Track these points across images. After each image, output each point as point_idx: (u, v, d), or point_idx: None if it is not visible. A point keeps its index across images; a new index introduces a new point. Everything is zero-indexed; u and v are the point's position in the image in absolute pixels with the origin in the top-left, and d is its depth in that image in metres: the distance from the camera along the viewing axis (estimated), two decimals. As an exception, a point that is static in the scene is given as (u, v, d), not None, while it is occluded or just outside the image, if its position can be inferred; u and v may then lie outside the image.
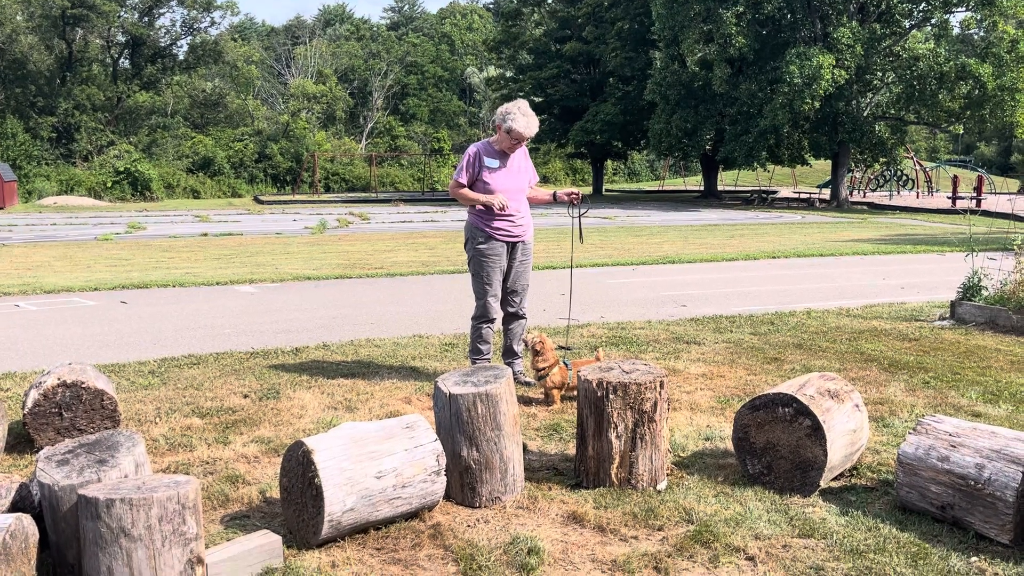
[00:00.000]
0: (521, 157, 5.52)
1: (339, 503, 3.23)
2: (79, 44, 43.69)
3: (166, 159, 40.73)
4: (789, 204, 32.76)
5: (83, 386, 4.31)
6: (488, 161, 5.39)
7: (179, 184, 38.40)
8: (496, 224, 5.40)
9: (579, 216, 5.93)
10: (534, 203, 5.69)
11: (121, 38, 45.44)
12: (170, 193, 37.44)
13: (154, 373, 6.03)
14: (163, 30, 46.94)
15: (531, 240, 5.61)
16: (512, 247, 5.51)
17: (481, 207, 5.42)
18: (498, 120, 5.32)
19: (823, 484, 3.82)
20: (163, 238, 17.78)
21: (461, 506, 3.70)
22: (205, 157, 41.07)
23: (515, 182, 5.47)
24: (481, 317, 5.54)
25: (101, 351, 6.87)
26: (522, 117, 5.26)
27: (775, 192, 38.81)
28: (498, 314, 5.58)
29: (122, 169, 36.10)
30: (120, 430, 3.43)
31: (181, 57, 48.26)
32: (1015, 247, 7.86)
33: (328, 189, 41.72)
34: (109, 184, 35.56)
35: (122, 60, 46.57)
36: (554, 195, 5.75)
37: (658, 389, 3.85)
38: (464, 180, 5.41)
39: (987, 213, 21.61)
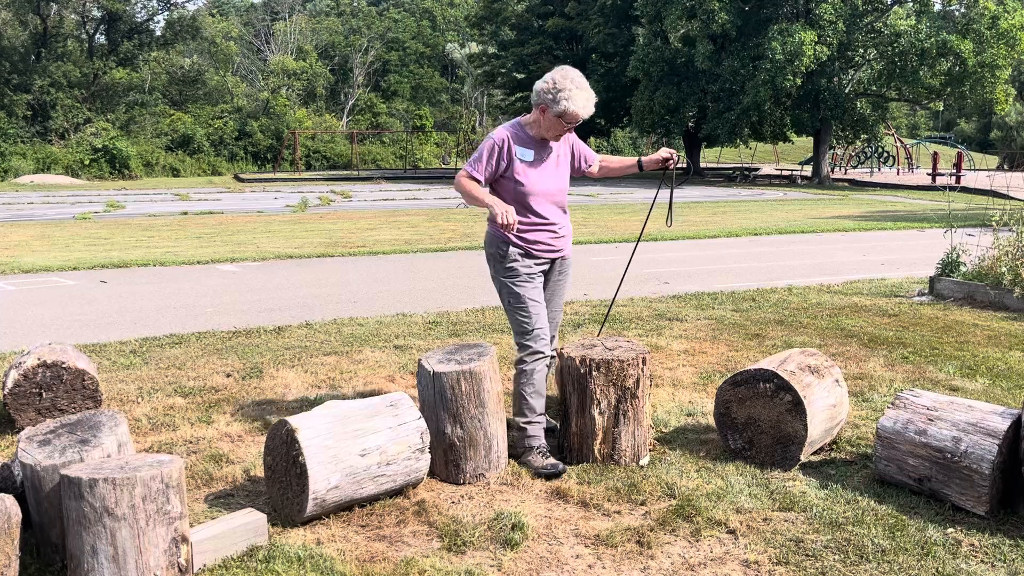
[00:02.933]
0: (563, 145, 4.13)
1: (323, 481, 3.24)
2: (54, 20, 42.91)
3: (144, 137, 40.20)
4: (771, 181, 32.86)
5: (64, 366, 4.28)
6: (521, 152, 3.96)
7: (158, 162, 37.93)
8: (532, 236, 3.98)
9: (672, 189, 4.45)
10: (613, 175, 4.34)
11: (97, 13, 44.66)
12: (149, 171, 37.00)
13: (135, 353, 6.00)
14: (139, 5, 46.16)
15: (571, 254, 4.25)
16: (549, 264, 4.11)
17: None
18: (543, 99, 3.90)
19: (803, 458, 3.87)
20: (142, 217, 17.60)
21: (445, 483, 3.72)
22: (184, 135, 40.57)
23: (557, 181, 4.07)
24: (533, 355, 3.95)
25: (81, 331, 6.81)
26: (580, 93, 3.85)
27: (757, 169, 38.91)
28: (550, 348, 4.06)
29: (99, 147, 35.61)
30: (102, 410, 3.42)
31: (158, 33, 47.51)
32: (993, 223, 7.94)
33: (309, 167, 41.38)
34: (86, 162, 35.09)
35: (98, 36, 45.78)
36: (639, 163, 4.26)
37: (640, 366, 3.87)
38: (481, 175, 3.92)
39: (966, 190, 21.79)
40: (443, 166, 43.68)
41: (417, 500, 3.53)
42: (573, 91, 3.84)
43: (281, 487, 3.34)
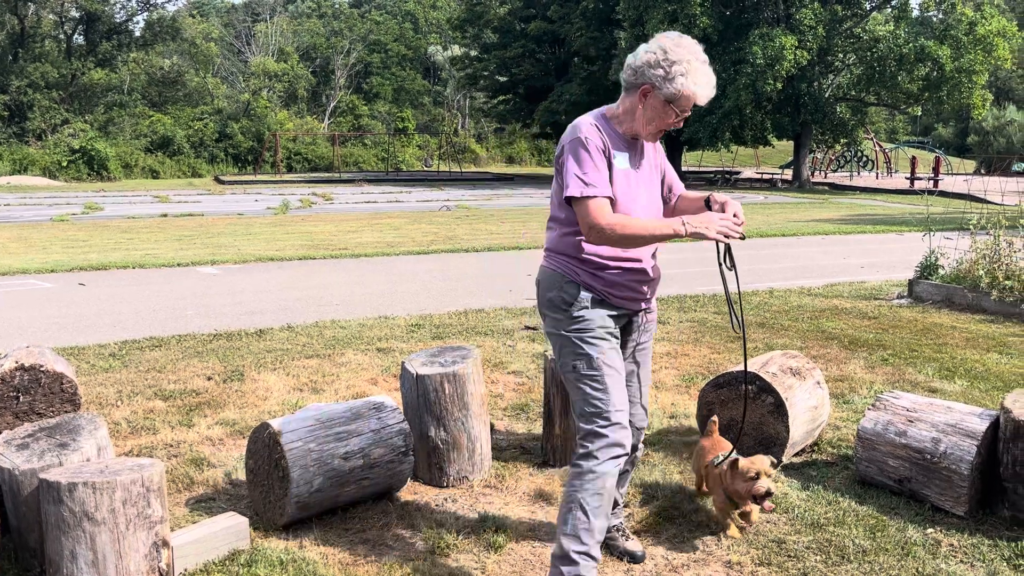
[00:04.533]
0: (656, 154, 2.99)
1: (306, 484, 3.22)
2: (31, 20, 42.46)
3: (123, 138, 39.83)
4: (752, 185, 33.08)
5: (42, 369, 4.22)
6: (618, 157, 2.79)
7: (137, 164, 37.59)
8: (613, 277, 2.81)
9: (731, 274, 2.94)
10: (675, 214, 3.00)
11: (75, 13, 44.25)
12: (128, 173, 36.66)
13: (115, 356, 5.94)
14: (118, 6, 45.79)
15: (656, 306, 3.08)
16: (630, 318, 2.94)
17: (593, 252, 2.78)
18: (648, 75, 2.71)
19: (785, 460, 3.89)
20: (121, 219, 17.44)
21: (429, 485, 3.71)
22: (164, 136, 40.23)
23: (652, 198, 2.92)
24: (607, 449, 2.72)
25: (59, 334, 6.74)
26: (702, 68, 2.71)
27: (738, 173, 39.16)
28: (630, 438, 2.79)
29: (77, 148, 35.25)
30: (81, 413, 3.38)
31: (137, 33, 47.13)
32: (971, 227, 8.03)
33: (291, 169, 41.17)
34: (64, 163, 34.72)
35: (76, 36, 45.36)
36: (707, 201, 2.90)
37: (624, 368, 3.88)
38: (607, 189, 2.71)
39: (944, 194, 22.03)
40: (425, 169, 43.63)
41: (400, 503, 3.52)
42: (693, 63, 2.70)
43: (263, 490, 3.31)
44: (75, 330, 6.89)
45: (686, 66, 2.69)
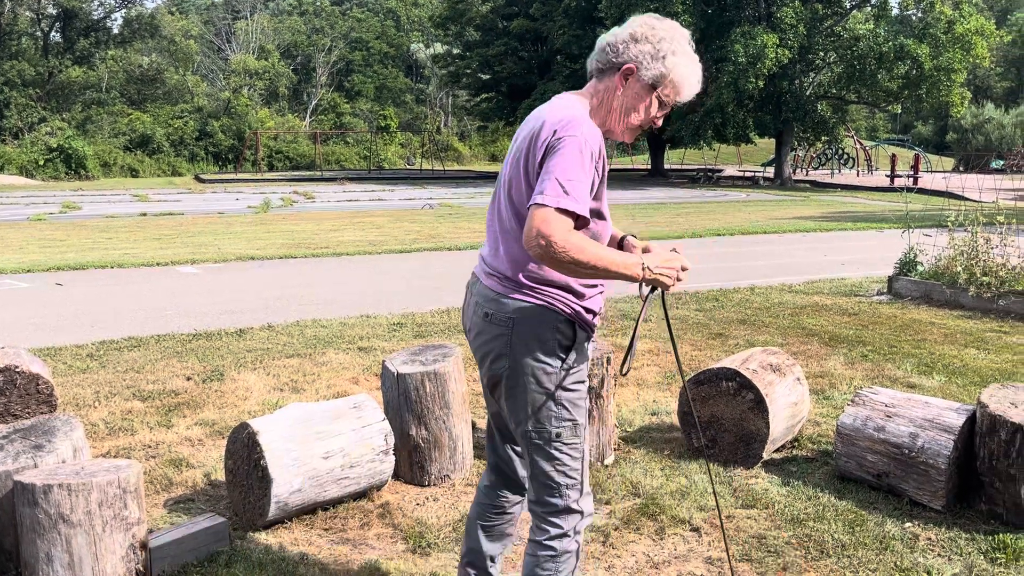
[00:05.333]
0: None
1: (286, 484, 3.20)
2: (7, 16, 41.94)
3: (101, 136, 39.43)
4: (734, 182, 33.23)
5: (17, 370, 4.17)
6: (605, 161, 2.26)
7: (116, 162, 37.22)
8: (593, 305, 2.35)
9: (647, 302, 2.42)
10: None
11: (52, 10, 43.75)
12: (106, 172, 36.31)
13: (92, 356, 5.88)
14: (96, 2, 45.35)
15: None
16: None
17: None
18: (634, 54, 2.24)
19: (765, 456, 3.91)
20: (100, 218, 17.27)
21: (410, 485, 3.70)
22: (143, 134, 39.87)
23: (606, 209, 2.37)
24: (583, 521, 2.38)
25: (36, 334, 6.66)
26: (694, 56, 2.28)
27: (720, 170, 39.32)
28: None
29: (55, 146, 34.87)
30: (57, 415, 3.34)
31: (116, 31, 46.68)
32: (949, 224, 8.10)
33: (272, 167, 40.92)
34: (41, 162, 34.33)
35: (53, 33, 44.87)
36: (621, 242, 2.51)
37: (605, 365, 3.88)
38: (583, 207, 2.10)
39: (923, 191, 22.22)
40: (408, 167, 43.51)
41: (381, 502, 3.51)
42: (685, 46, 2.25)
43: (243, 491, 3.29)
44: (52, 330, 6.81)
45: (677, 45, 2.23)
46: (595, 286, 2.32)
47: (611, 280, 2.17)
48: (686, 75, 2.25)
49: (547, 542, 2.32)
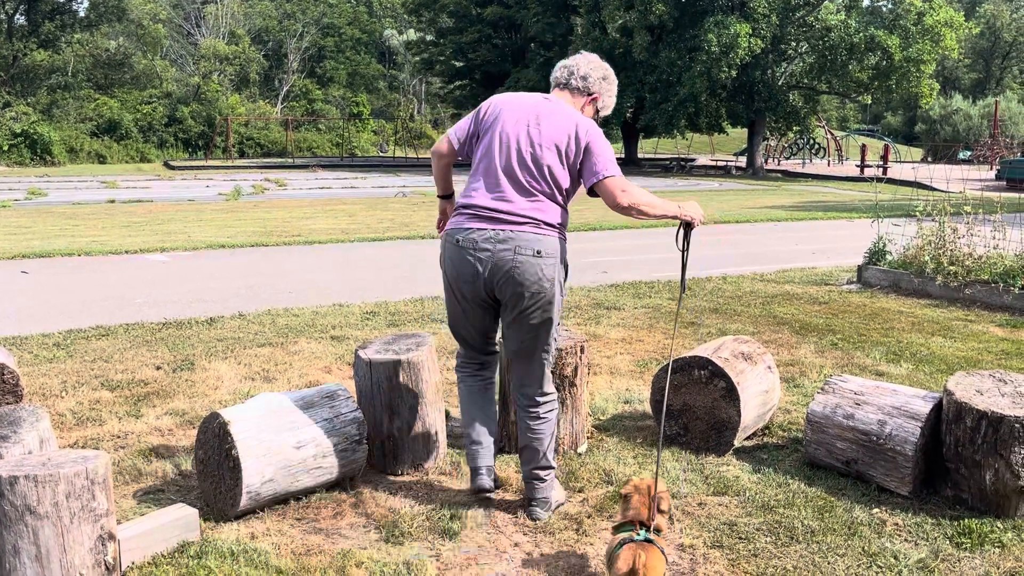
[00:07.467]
0: None
1: (257, 474, 3.17)
2: (-31, -2, 40.98)
3: (68, 122, 38.70)
4: (707, 172, 33.44)
5: (-19, 360, 4.09)
6: None
7: (83, 148, 36.58)
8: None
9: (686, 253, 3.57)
10: None
11: (16, -8, 42.79)
12: (73, 158, 35.69)
13: (59, 346, 5.79)
14: (62, -16, 44.39)
15: None
16: None
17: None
18: (601, 87, 3.36)
19: (737, 443, 3.95)
20: (66, 205, 16.98)
21: (383, 474, 3.69)
22: (111, 120, 39.19)
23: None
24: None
25: (0, 323, 6.54)
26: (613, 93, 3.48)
27: (693, 160, 39.53)
28: None
29: (19, 132, 34.19)
30: (23, 405, 3.29)
31: (82, 14, 45.74)
32: (917, 213, 8.21)
33: (243, 154, 40.45)
34: (5, 148, 33.65)
35: (17, 16, 43.88)
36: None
37: (579, 354, 3.89)
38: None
39: (892, 181, 22.49)
40: (381, 154, 43.24)
41: (354, 492, 3.49)
42: (613, 90, 3.42)
43: (214, 481, 3.26)
44: (17, 319, 6.70)
45: (613, 86, 3.36)
46: None
47: (658, 220, 3.17)
48: (613, 103, 3.43)
49: (546, 402, 3.32)
